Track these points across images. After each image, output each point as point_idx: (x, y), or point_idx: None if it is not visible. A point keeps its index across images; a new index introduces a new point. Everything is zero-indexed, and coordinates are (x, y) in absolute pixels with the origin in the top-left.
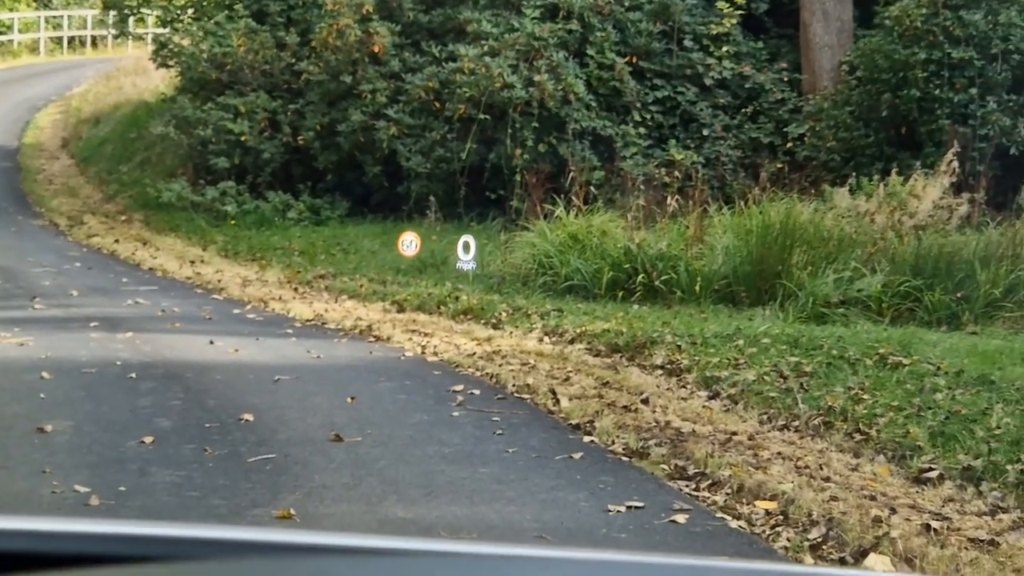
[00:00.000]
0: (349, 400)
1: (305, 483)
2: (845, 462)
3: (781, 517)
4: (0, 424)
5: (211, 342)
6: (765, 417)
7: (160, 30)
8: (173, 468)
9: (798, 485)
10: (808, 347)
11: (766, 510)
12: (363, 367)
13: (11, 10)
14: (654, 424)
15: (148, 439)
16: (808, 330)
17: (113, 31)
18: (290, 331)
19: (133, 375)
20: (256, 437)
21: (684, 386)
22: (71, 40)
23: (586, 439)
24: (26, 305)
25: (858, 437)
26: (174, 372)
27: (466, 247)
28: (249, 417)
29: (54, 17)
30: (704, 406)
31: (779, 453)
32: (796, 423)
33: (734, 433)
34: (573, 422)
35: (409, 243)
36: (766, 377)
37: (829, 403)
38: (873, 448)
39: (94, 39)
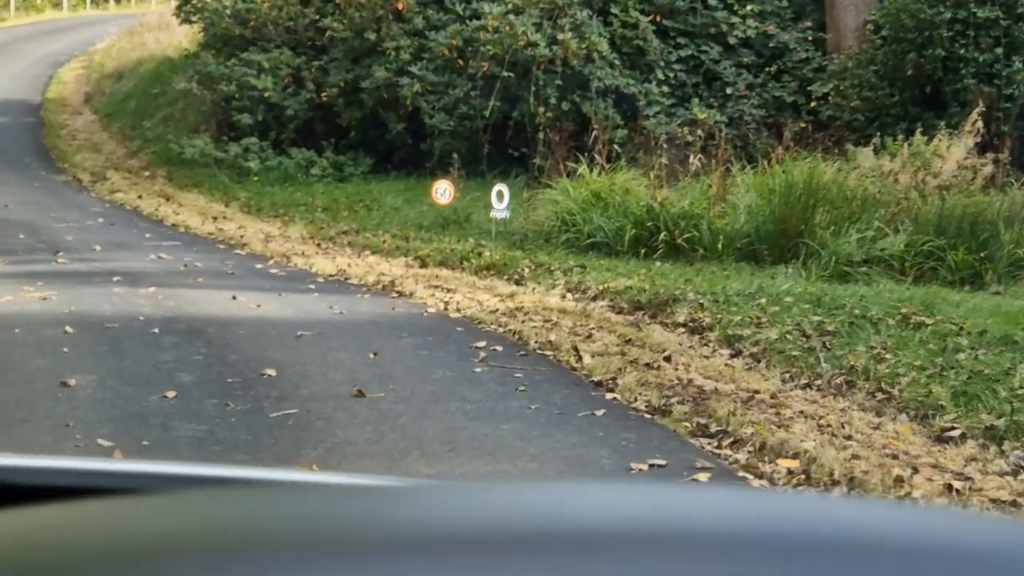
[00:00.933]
0: (372, 356)
1: (327, 438)
2: (867, 421)
3: (803, 476)
4: (24, 378)
5: (233, 297)
6: (787, 376)
7: None
8: (195, 423)
9: (820, 444)
10: (831, 306)
11: (788, 468)
12: (386, 323)
13: None
14: (676, 382)
15: (171, 394)
16: (831, 289)
17: None
18: (312, 286)
19: (156, 330)
20: (278, 392)
21: (706, 344)
22: None
23: (608, 396)
24: (49, 259)
25: (880, 396)
26: (196, 327)
27: (500, 196)
28: (271, 372)
29: None
30: (726, 364)
31: (801, 412)
32: (818, 382)
33: (756, 391)
34: (596, 379)
35: (443, 191)
36: (788, 336)
37: (851, 362)
38: (895, 407)
39: None
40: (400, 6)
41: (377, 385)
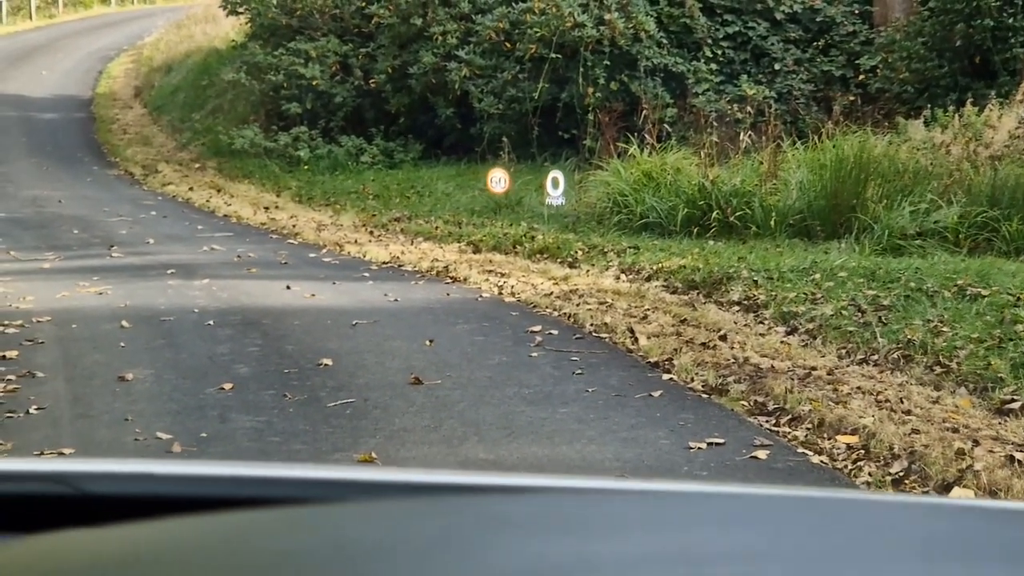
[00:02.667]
0: (427, 343)
1: (386, 427)
2: (926, 395)
3: (863, 451)
4: (82, 373)
5: (287, 287)
6: (844, 352)
7: None
8: (253, 414)
9: (879, 419)
10: (885, 280)
11: (847, 444)
12: (440, 309)
13: None
14: (732, 360)
15: (227, 386)
16: (885, 262)
17: None
18: (366, 274)
19: (211, 322)
20: (335, 382)
21: (761, 322)
22: None
23: (665, 377)
24: (104, 254)
25: (938, 370)
26: (251, 318)
27: (555, 183)
28: (328, 362)
29: None
30: (782, 342)
31: (859, 387)
32: (875, 357)
33: (813, 368)
34: (652, 360)
35: (498, 180)
36: (844, 311)
37: (908, 336)
38: (954, 381)
39: None
40: None
41: (434, 372)
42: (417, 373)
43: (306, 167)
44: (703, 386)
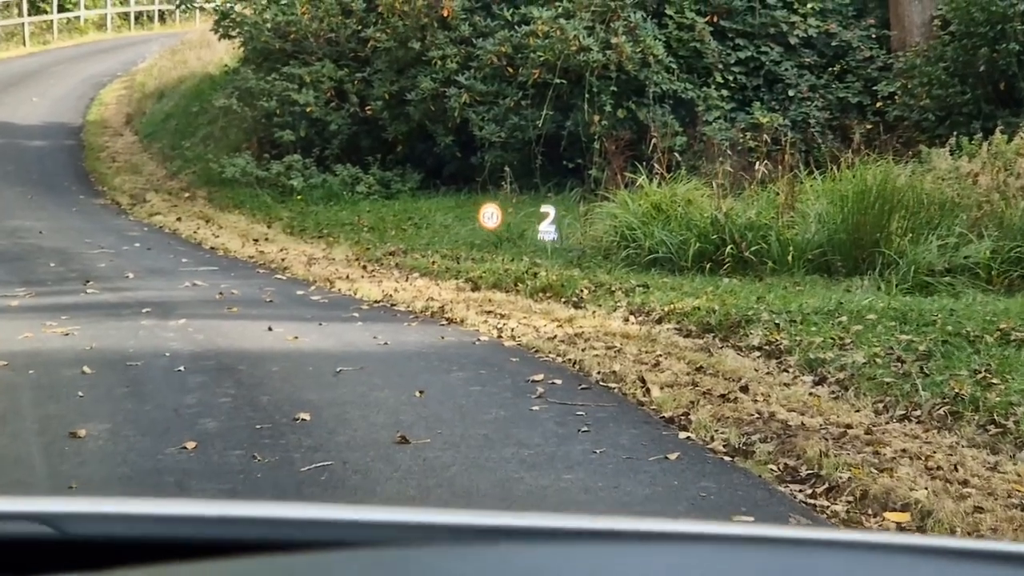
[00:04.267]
0: (418, 394)
1: (365, 497)
2: (982, 460)
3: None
4: (30, 428)
5: (269, 328)
6: (881, 406)
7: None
8: (215, 480)
9: (932, 492)
10: (919, 323)
11: (898, 523)
12: (434, 354)
13: None
14: (756, 416)
15: (190, 444)
16: (916, 303)
17: (176, 1)
18: (356, 314)
19: (182, 368)
20: (312, 440)
21: (786, 370)
22: (138, 15)
23: (682, 435)
24: (78, 290)
25: (993, 430)
26: (226, 364)
27: (546, 216)
28: (305, 416)
29: None
30: (810, 393)
31: (903, 450)
32: (918, 413)
33: (848, 426)
34: (666, 415)
35: (490, 215)
36: (877, 359)
37: (955, 389)
38: (1012, 443)
39: (162, 13)
40: (445, 13)
41: (423, 429)
42: (404, 430)
43: (299, 197)
44: (724, 446)
